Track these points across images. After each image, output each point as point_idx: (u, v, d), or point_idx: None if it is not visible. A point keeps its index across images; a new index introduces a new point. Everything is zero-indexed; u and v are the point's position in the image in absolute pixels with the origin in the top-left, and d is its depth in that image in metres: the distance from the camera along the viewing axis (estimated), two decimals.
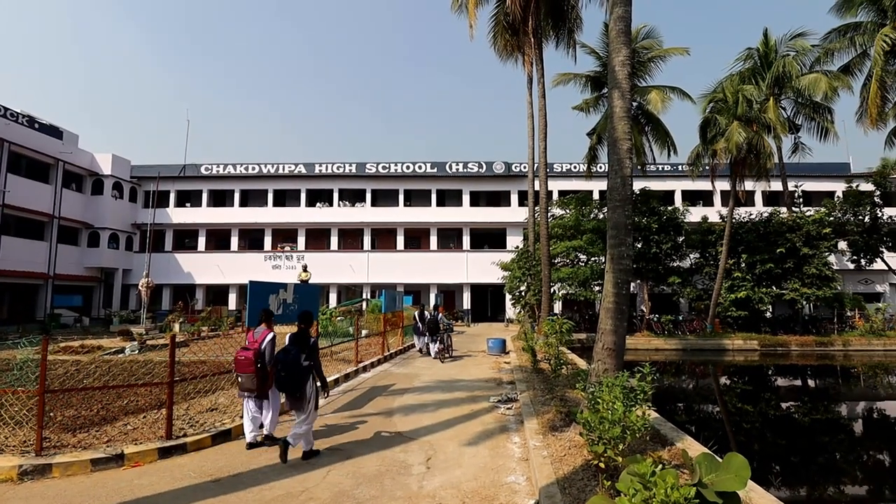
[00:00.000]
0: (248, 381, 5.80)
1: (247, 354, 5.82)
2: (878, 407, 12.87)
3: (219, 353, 13.01)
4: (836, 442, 9.69)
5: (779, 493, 7.09)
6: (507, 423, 7.26)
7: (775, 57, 23.55)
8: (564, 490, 4.37)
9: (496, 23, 21.01)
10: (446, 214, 33.36)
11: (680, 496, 2.67)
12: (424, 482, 4.85)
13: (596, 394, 4.77)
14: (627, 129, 7.34)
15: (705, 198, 32.78)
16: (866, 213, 25.53)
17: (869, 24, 22.99)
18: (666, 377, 17.06)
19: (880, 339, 21.93)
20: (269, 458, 5.55)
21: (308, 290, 9.52)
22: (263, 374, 5.88)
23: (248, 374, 5.79)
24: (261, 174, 33.56)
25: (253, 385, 5.79)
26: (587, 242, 23.72)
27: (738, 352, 21.64)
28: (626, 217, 7.17)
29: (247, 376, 5.79)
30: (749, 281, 23.41)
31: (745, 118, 21.14)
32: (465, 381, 10.87)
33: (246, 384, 5.81)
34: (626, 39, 7.46)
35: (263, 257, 32.66)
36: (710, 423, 11.24)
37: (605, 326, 6.90)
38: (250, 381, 5.79)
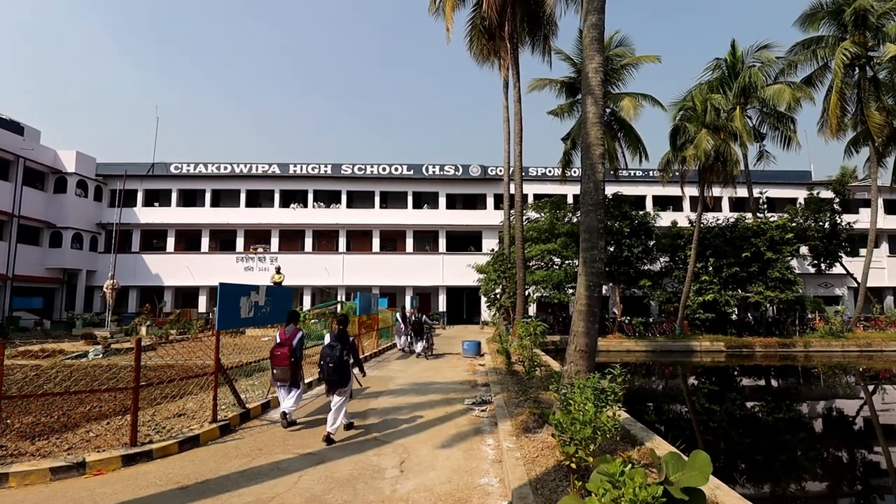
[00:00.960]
0: (283, 372, 6.81)
1: (283, 351, 6.82)
2: (837, 406, 13.42)
3: (188, 357, 12.72)
4: (797, 440, 10.06)
5: (744, 489, 7.33)
6: (482, 425, 7.29)
7: (742, 67, 24.41)
8: (537, 491, 4.42)
9: (473, 27, 21.16)
10: (422, 217, 33.32)
11: (647, 495, 2.74)
12: (398, 486, 4.83)
13: (568, 395, 4.85)
14: (600, 135, 7.48)
15: (675, 203, 33.67)
16: (826, 220, 26.70)
17: (830, 38, 24.10)
18: (637, 378, 17.42)
19: (839, 341, 22.88)
20: (239, 464, 5.44)
21: (281, 292, 9.37)
22: (296, 367, 6.93)
23: (283, 366, 6.80)
24: (233, 174, 32.88)
25: (287, 376, 6.83)
26: (561, 246, 24.04)
27: (705, 353, 22.26)
28: (599, 221, 7.30)
29: (281, 369, 6.80)
30: (716, 284, 24.13)
31: (713, 126, 21.82)
32: (440, 384, 10.87)
33: (280, 375, 6.83)
34: (599, 47, 7.61)
35: (235, 259, 31.99)
36: (678, 422, 11.53)
37: (577, 328, 7.00)
38: (284, 373, 6.81)
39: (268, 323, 9.22)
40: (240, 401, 7.58)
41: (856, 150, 26.97)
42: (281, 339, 6.99)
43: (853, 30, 23.17)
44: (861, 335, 23.89)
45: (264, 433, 6.77)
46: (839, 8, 23.36)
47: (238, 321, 7.62)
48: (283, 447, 6.10)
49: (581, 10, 9.73)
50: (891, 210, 34.25)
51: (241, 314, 7.50)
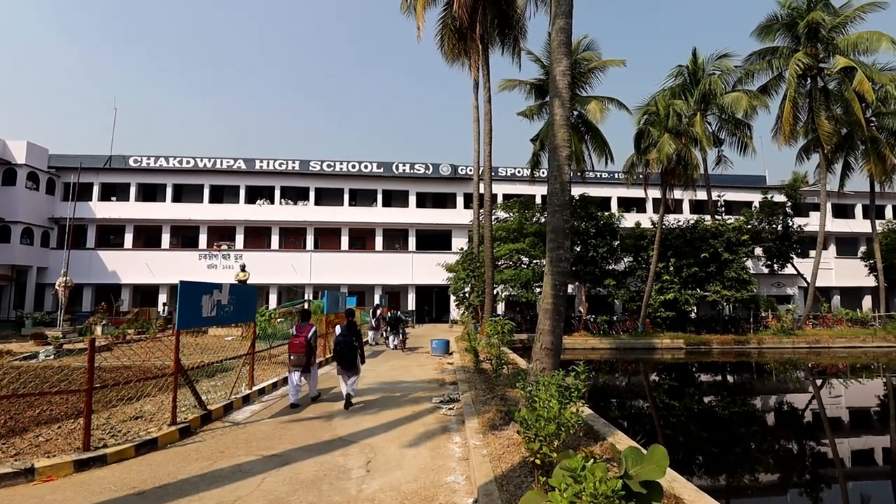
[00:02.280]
0: (298, 359, 8.23)
1: (300, 340, 8.29)
2: (787, 400, 14.13)
3: (146, 358, 12.26)
4: (750, 432, 10.54)
5: (700, 481, 7.63)
6: (449, 423, 7.32)
7: (703, 75, 25.33)
8: (502, 487, 4.48)
9: (444, 26, 21.15)
10: (392, 215, 33.15)
11: (607, 488, 2.82)
12: (364, 485, 4.81)
13: (533, 392, 4.93)
14: (567, 137, 7.62)
15: (639, 205, 34.62)
16: (779, 222, 28.03)
17: (784, 49, 25.28)
18: (601, 375, 17.86)
19: (790, 338, 24.08)
20: (199, 467, 5.29)
21: (245, 290, 9.15)
22: (309, 355, 8.35)
23: (299, 353, 8.23)
24: (196, 168, 31.85)
25: (301, 362, 8.26)
26: (529, 245, 24.38)
27: (666, 350, 23.02)
28: (565, 221, 7.44)
29: (297, 356, 8.23)
30: (676, 283, 24.99)
31: (675, 131, 22.56)
32: (408, 383, 10.86)
33: (296, 361, 8.25)
34: (566, 50, 7.75)
35: (198, 256, 31.00)
36: (640, 417, 11.89)
37: (543, 327, 7.12)
38: (300, 359, 8.24)
39: (231, 322, 9.00)
40: (201, 402, 7.37)
41: (807, 156, 28.43)
42: (297, 332, 8.46)
43: (806, 42, 24.38)
44: (810, 332, 25.20)
45: (227, 435, 6.61)
46: (793, 20, 24.53)
47: (200, 320, 7.40)
48: (246, 449, 5.97)
49: (549, 13, 9.88)
50: (838, 214, 36.23)
51: (202, 313, 7.29)
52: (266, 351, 12.81)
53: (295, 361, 8.27)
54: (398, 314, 18.06)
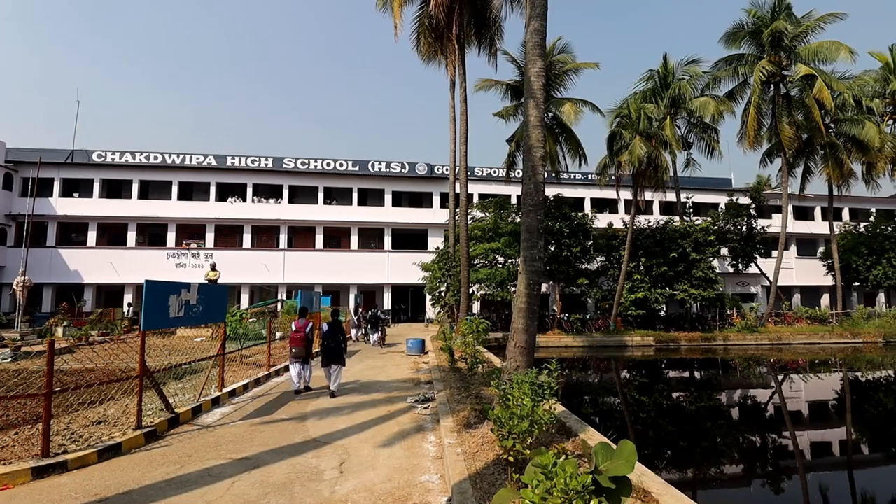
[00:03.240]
0: (299, 351, 9.41)
1: (300, 335, 9.43)
2: (751, 394, 14.63)
3: (110, 360, 11.83)
4: (716, 426, 10.88)
5: (669, 474, 7.84)
6: (424, 422, 7.32)
7: (673, 79, 25.95)
8: (476, 485, 4.50)
9: (420, 24, 21.09)
10: (368, 214, 32.90)
11: (577, 484, 2.87)
12: (337, 487, 4.76)
13: (507, 390, 4.98)
14: (541, 138, 7.71)
15: (611, 205, 35.29)
16: (744, 224, 28.99)
17: (750, 57, 26.13)
18: (574, 373, 18.15)
19: (753, 335, 24.94)
20: (166, 472, 5.15)
21: (215, 290, 8.95)
22: (308, 347, 9.56)
23: (300, 346, 9.38)
24: (164, 164, 30.91)
25: (302, 353, 9.42)
26: (505, 245, 24.56)
27: (636, 347, 23.54)
28: (539, 221, 7.53)
29: (298, 348, 9.39)
30: (647, 283, 25.58)
31: (646, 134, 23.08)
32: (383, 382, 10.80)
33: (297, 353, 9.40)
34: (541, 52, 7.85)
35: (166, 255, 30.11)
36: (611, 413, 12.13)
37: (517, 325, 7.20)
38: (300, 351, 9.41)
39: (201, 323, 8.77)
40: (168, 405, 7.17)
41: (770, 160, 29.51)
42: (297, 328, 9.58)
43: (770, 50, 25.27)
44: (772, 329, 26.16)
45: (195, 439, 6.45)
46: (758, 29, 25.38)
47: (167, 321, 7.20)
48: (215, 452, 5.84)
49: (525, 14, 9.97)
50: (799, 216, 37.71)
51: (170, 313, 7.09)
52: (237, 352, 12.54)
53: (296, 353, 9.40)
54: (378, 313, 19.57)
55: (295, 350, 9.40)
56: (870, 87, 27.64)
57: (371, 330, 19.27)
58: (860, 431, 10.72)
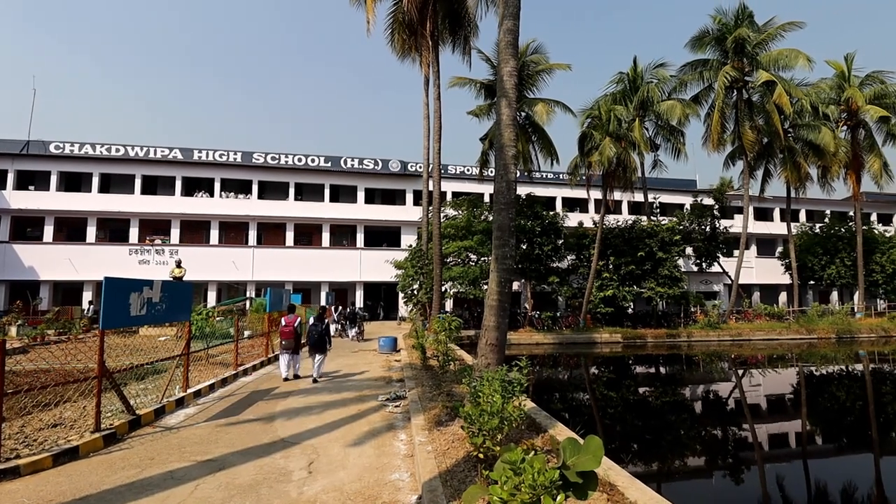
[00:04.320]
0: (289, 343, 10.42)
1: (289, 329, 10.39)
2: (713, 389, 15.16)
3: (67, 360, 11.34)
4: (680, 420, 11.23)
5: (635, 468, 8.05)
6: (395, 420, 7.29)
7: (642, 82, 26.57)
8: (446, 483, 4.51)
9: (394, 20, 20.97)
10: (340, 210, 32.50)
11: (545, 479, 2.91)
12: (305, 487, 4.69)
13: (478, 388, 5.00)
14: (513, 137, 7.77)
15: (582, 205, 35.90)
16: (707, 224, 29.98)
17: (714, 62, 26.99)
18: (545, 369, 18.41)
19: (716, 331, 25.82)
20: (126, 476, 4.97)
21: (180, 287, 8.67)
22: (297, 340, 10.58)
23: (289, 339, 10.39)
24: (127, 157, 29.77)
25: (292, 346, 10.45)
26: (477, 243, 24.69)
27: (605, 344, 24.06)
28: (511, 219, 7.60)
29: (288, 341, 10.40)
30: (615, 281, 26.16)
31: (616, 135, 23.56)
32: (354, 381, 10.71)
33: (287, 345, 10.44)
34: (513, 51, 7.90)
35: (128, 251, 29.03)
36: (581, 409, 12.37)
37: (488, 323, 7.25)
38: (290, 344, 10.42)
39: (164, 321, 8.50)
40: (128, 407, 6.92)
41: (732, 162, 30.58)
42: (287, 323, 10.56)
43: (733, 56, 26.16)
44: (734, 326, 27.15)
45: (157, 441, 6.25)
46: (723, 35, 26.24)
47: (127, 319, 6.94)
48: (178, 455, 5.67)
49: (499, 13, 10.02)
50: (759, 217, 39.22)
51: (131, 311, 6.83)
52: (203, 351, 12.21)
53: (286, 345, 10.47)
54: (356, 310, 21.07)
55: (285, 342, 10.45)
56: (826, 94, 28.97)
57: (349, 326, 20.30)
58: (813, 423, 11.25)
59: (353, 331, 20.06)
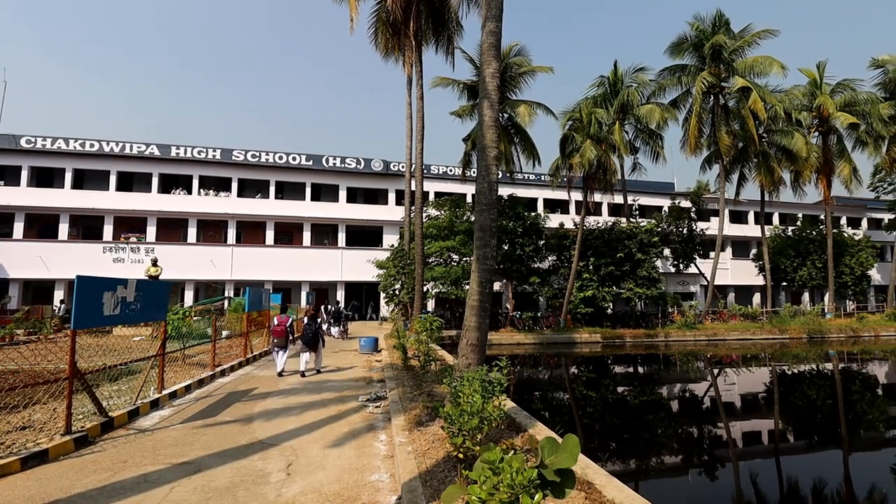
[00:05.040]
0: (281, 341, 11.27)
1: (281, 328, 11.23)
2: (689, 388, 15.46)
3: (37, 361, 11.00)
4: (657, 419, 11.42)
5: (613, 466, 8.16)
6: (375, 421, 7.26)
7: (622, 86, 26.96)
8: (426, 483, 4.52)
9: (377, 19, 20.89)
10: (321, 209, 32.20)
11: (524, 479, 2.94)
12: (283, 489, 4.65)
13: (458, 388, 5.02)
14: (495, 138, 7.82)
15: (563, 206, 36.26)
16: (685, 226, 30.57)
17: (692, 68, 27.53)
18: (525, 369, 18.54)
19: (692, 331, 26.36)
20: (98, 480, 4.85)
21: (155, 286, 8.49)
22: (287, 338, 11.36)
23: (281, 337, 11.24)
24: (102, 152, 28.98)
25: (283, 343, 11.30)
26: (460, 243, 24.73)
27: (585, 344, 24.34)
28: (492, 220, 7.63)
29: (280, 339, 11.25)
30: (595, 281, 26.50)
31: (597, 138, 23.87)
32: (334, 382, 10.63)
33: (279, 343, 11.28)
34: (496, 53, 7.94)
35: (102, 249, 28.27)
36: (560, 408, 12.49)
37: (469, 323, 7.27)
38: (282, 342, 11.28)
39: (139, 321, 8.30)
40: (101, 408, 6.75)
41: (709, 166, 31.23)
42: (279, 322, 11.34)
43: (710, 62, 26.74)
44: (709, 326, 27.74)
45: (131, 443, 6.11)
46: (700, 42, 26.79)
47: (100, 319, 6.76)
48: (153, 457, 5.56)
49: (482, 14, 10.07)
50: (734, 219, 40.14)
51: (104, 311, 6.66)
52: (179, 352, 11.98)
53: (278, 343, 11.33)
54: (340, 309, 21.81)
55: (277, 340, 11.32)
56: (798, 100, 29.82)
57: (334, 324, 20.93)
58: (785, 421, 11.57)
59: (337, 329, 20.68)
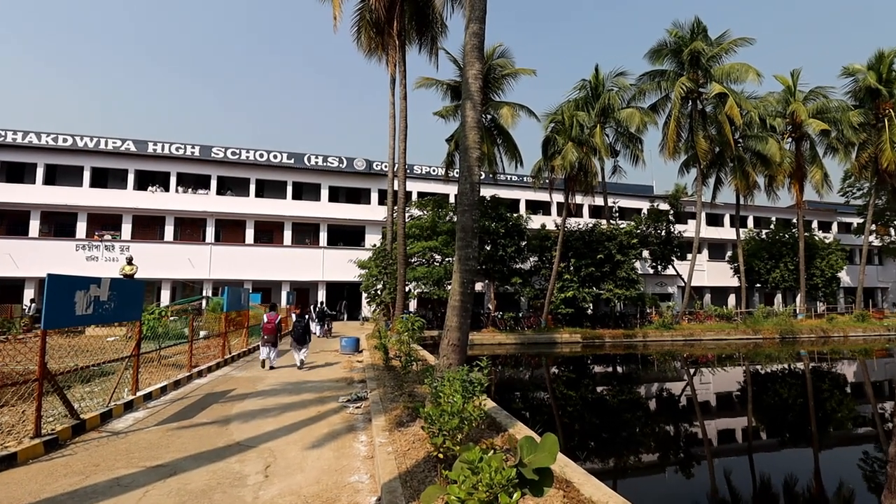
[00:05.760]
0: (271, 338, 12.13)
1: (271, 325, 12.13)
2: (666, 387, 15.75)
3: (5, 362, 10.66)
4: (635, 418, 11.61)
5: (592, 464, 8.28)
6: (356, 422, 7.23)
7: (603, 90, 27.34)
8: (406, 483, 4.52)
9: (361, 18, 20.77)
10: (303, 208, 31.86)
11: (502, 478, 2.96)
12: (261, 492, 4.59)
13: (438, 388, 5.03)
14: (478, 139, 7.85)
15: (545, 207, 36.57)
16: (663, 228, 31.14)
17: (671, 73, 28.05)
18: (506, 369, 18.65)
19: (669, 332, 26.86)
20: (68, 484, 4.73)
21: (131, 285, 8.30)
22: (276, 334, 12.26)
23: (271, 334, 12.11)
24: (75, 147, 28.20)
25: (272, 340, 12.15)
26: (442, 243, 24.75)
27: (565, 344, 24.60)
28: (474, 221, 7.67)
29: (270, 336, 12.11)
30: (576, 282, 26.81)
31: (578, 140, 24.15)
32: (315, 382, 10.54)
33: (268, 339, 12.12)
34: (479, 55, 7.98)
35: (75, 246, 27.50)
36: (541, 408, 12.60)
37: (450, 323, 7.29)
38: (271, 338, 12.13)
39: (113, 321, 8.11)
40: (72, 411, 6.57)
41: (687, 170, 31.87)
42: (269, 320, 12.22)
43: (689, 68, 27.28)
44: (686, 327, 28.30)
45: (103, 446, 5.96)
46: (679, 48, 27.32)
47: (73, 319, 6.58)
48: (126, 460, 5.44)
49: (465, 15, 10.10)
50: (711, 222, 41.03)
51: (76, 311, 6.49)
52: (155, 352, 11.73)
53: (268, 339, 12.16)
54: (324, 308, 22.85)
55: (266, 336, 12.15)
56: (773, 107, 30.66)
57: (317, 323, 21.51)
58: (759, 419, 11.87)
59: (320, 329, 21.38)
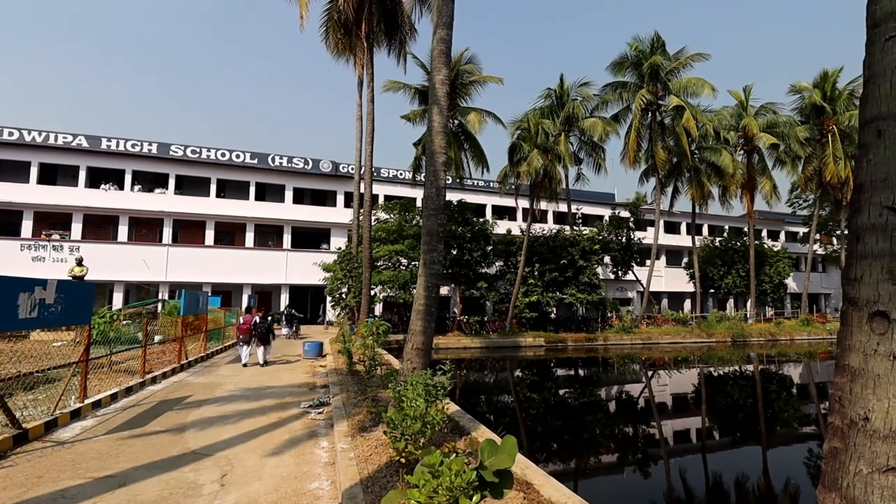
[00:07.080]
0: (246, 338, 13.32)
1: (246, 326, 13.32)
2: (625, 389, 16.22)
3: None
4: (595, 420, 11.90)
5: (554, 466, 8.43)
6: (317, 428, 7.12)
7: (568, 99, 28.00)
8: (367, 489, 4.49)
9: (329, 18, 20.56)
10: (266, 210, 31.14)
11: (462, 481, 3.00)
12: (216, 501, 4.47)
13: (402, 392, 5.03)
14: (444, 144, 7.91)
15: (510, 213, 37.07)
16: (623, 235, 32.10)
17: (632, 85, 29.01)
18: (471, 373, 18.76)
19: (629, 335, 27.67)
20: (7, 497, 4.46)
21: (79, 288, 7.92)
22: (250, 335, 13.34)
23: (246, 334, 13.31)
24: (21, 142, 26.64)
25: (247, 340, 13.32)
26: (409, 247, 24.70)
27: (529, 347, 24.97)
28: (440, 225, 7.71)
29: (244, 336, 13.32)
30: (540, 287, 27.27)
31: (543, 147, 24.64)
32: (276, 388, 10.31)
33: (244, 339, 13.33)
34: (446, 60, 8.05)
35: (20, 246, 25.91)
36: (504, 411, 12.74)
37: (415, 327, 7.29)
38: (246, 339, 13.32)
39: (60, 324, 7.71)
40: (13, 419, 6.20)
41: (647, 179, 32.96)
42: (244, 321, 13.44)
43: (649, 81, 28.30)
44: (644, 330, 29.23)
45: (48, 457, 5.66)
46: (640, 61, 28.31)
47: (15, 323, 6.22)
48: (72, 471, 5.18)
49: (433, 21, 10.17)
50: (669, 230, 42.56)
51: (18, 314, 6.13)
52: (106, 357, 11.20)
53: (243, 339, 13.33)
54: (292, 311, 23.94)
55: (242, 337, 13.36)
56: (727, 120, 32.17)
57: (285, 325, 22.87)
58: (711, 419, 12.38)
59: (288, 329, 22.59)
